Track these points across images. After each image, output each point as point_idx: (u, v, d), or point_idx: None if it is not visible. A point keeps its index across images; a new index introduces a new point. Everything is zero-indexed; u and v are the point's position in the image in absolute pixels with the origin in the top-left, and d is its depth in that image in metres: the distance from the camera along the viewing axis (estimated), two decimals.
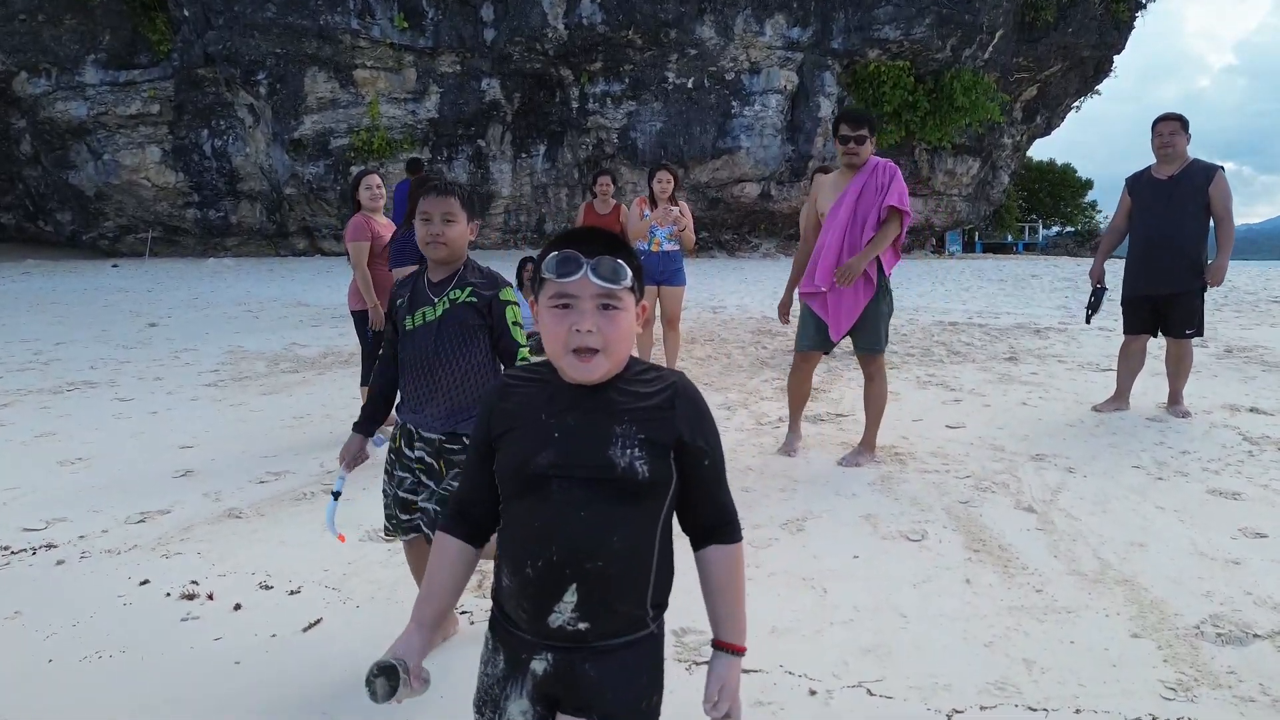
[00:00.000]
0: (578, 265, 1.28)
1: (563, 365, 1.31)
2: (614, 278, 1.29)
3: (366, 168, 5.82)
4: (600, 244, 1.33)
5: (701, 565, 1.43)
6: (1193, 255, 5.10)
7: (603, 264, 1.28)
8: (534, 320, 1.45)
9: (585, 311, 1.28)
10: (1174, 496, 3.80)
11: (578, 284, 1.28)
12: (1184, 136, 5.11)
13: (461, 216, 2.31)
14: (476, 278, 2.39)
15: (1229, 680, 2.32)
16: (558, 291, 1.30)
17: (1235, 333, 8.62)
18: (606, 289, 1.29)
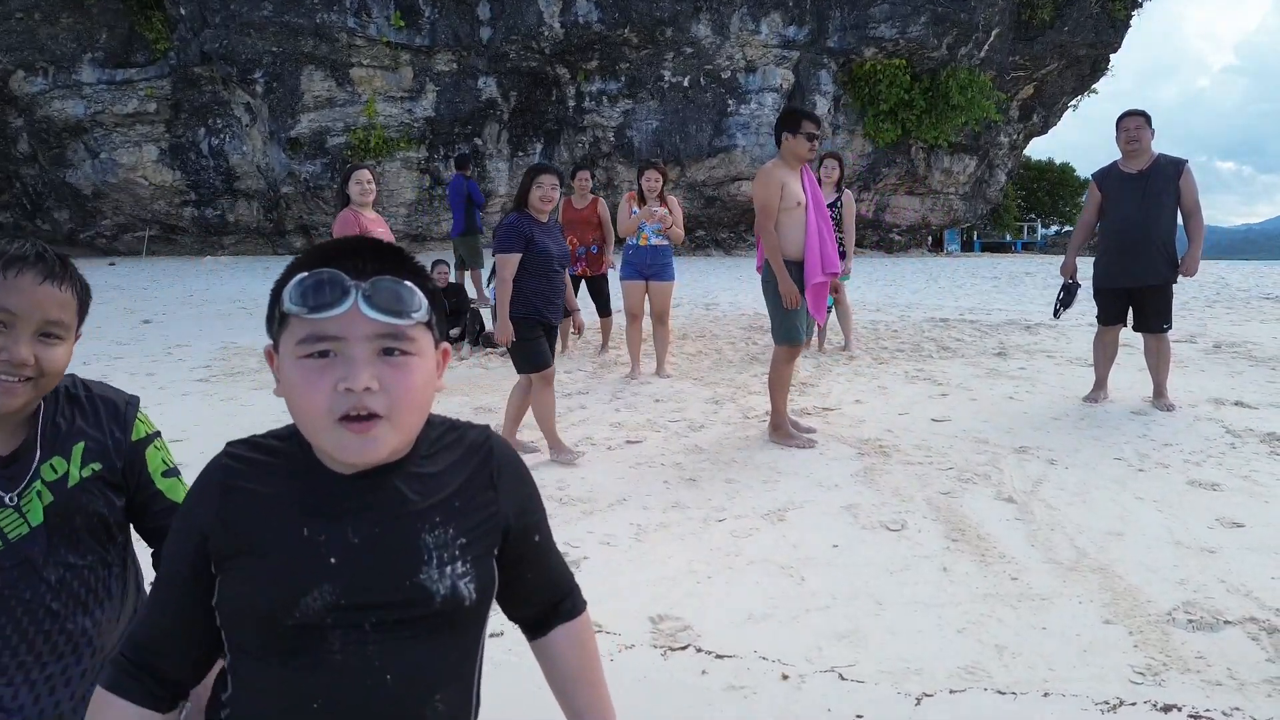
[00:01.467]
0: (342, 292, 0.89)
1: (325, 443, 0.91)
2: (400, 307, 0.91)
3: (358, 162, 5.85)
4: (376, 258, 0.95)
5: (547, 655, 1.15)
6: (1168, 248, 5.20)
7: (381, 288, 0.91)
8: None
9: (357, 360, 0.89)
10: (1154, 487, 3.83)
11: (344, 320, 0.89)
12: (1149, 131, 5.20)
13: (71, 322, 1.31)
14: (83, 418, 1.38)
15: (1198, 664, 2.35)
16: (311, 333, 0.89)
17: (1225, 329, 8.64)
18: (390, 325, 0.91)
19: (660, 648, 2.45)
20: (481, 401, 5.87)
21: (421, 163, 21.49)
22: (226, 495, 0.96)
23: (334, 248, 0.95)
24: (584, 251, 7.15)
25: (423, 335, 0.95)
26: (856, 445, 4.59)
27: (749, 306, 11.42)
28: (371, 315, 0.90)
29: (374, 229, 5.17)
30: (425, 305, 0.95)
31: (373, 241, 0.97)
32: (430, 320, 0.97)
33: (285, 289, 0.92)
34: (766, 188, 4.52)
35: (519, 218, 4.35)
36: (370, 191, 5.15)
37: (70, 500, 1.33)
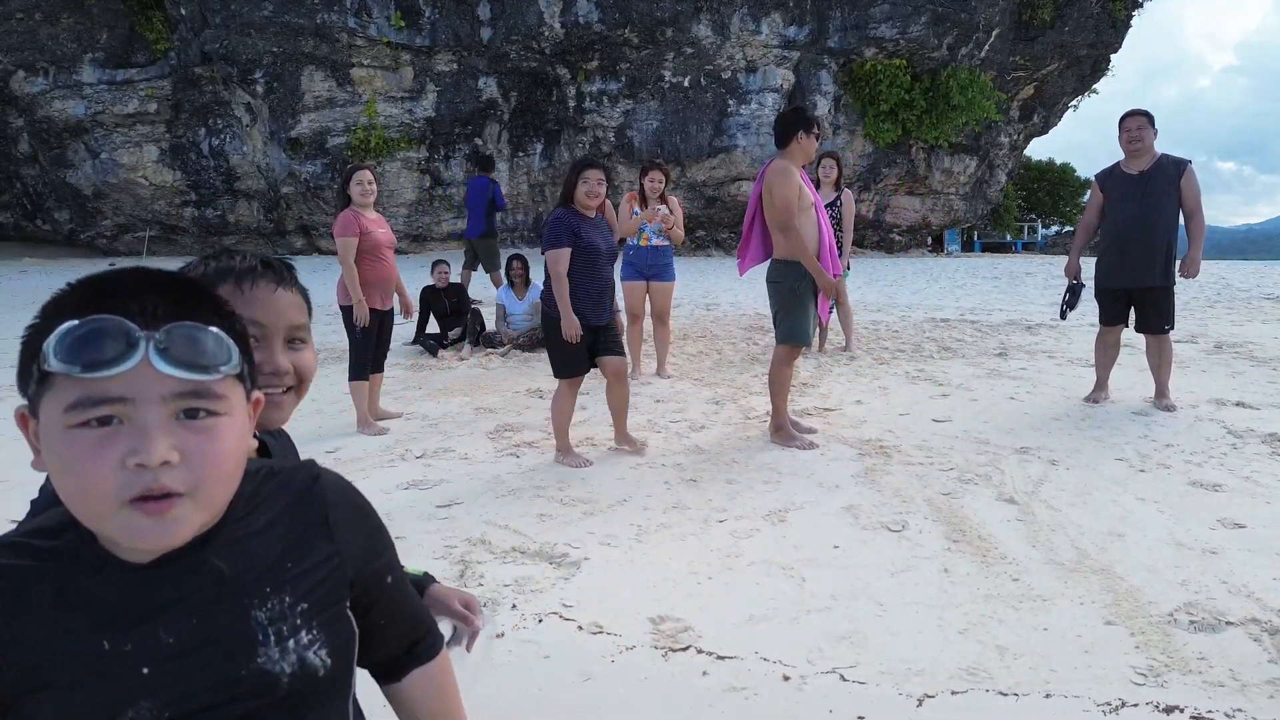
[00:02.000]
0: (128, 344, 0.73)
1: (113, 531, 0.75)
2: (205, 360, 0.76)
3: (360, 162, 5.83)
4: (168, 297, 0.77)
5: (403, 700, 1.05)
6: (1166, 249, 5.19)
7: (180, 337, 0.75)
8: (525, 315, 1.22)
9: (151, 427, 0.73)
10: (1155, 488, 3.82)
11: (131, 379, 0.73)
12: (1151, 131, 5.18)
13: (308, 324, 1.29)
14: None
15: (1199, 666, 2.34)
16: (86, 396, 0.72)
17: (1226, 329, 8.64)
18: (192, 383, 0.75)
19: (661, 649, 2.45)
20: (483, 402, 5.87)
21: (422, 163, 21.49)
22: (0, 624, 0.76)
23: (109, 284, 0.76)
24: None
25: (233, 390, 0.79)
26: (857, 446, 4.59)
27: (749, 307, 11.41)
28: (168, 371, 0.73)
29: (376, 229, 5.16)
30: (236, 354, 0.79)
31: (158, 274, 0.78)
32: (241, 369, 0.80)
33: (46, 341, 0.73)
34: (788, 185, 4.48)
35: (566, 212, 4.35)
36: (371, 192, 5.15)
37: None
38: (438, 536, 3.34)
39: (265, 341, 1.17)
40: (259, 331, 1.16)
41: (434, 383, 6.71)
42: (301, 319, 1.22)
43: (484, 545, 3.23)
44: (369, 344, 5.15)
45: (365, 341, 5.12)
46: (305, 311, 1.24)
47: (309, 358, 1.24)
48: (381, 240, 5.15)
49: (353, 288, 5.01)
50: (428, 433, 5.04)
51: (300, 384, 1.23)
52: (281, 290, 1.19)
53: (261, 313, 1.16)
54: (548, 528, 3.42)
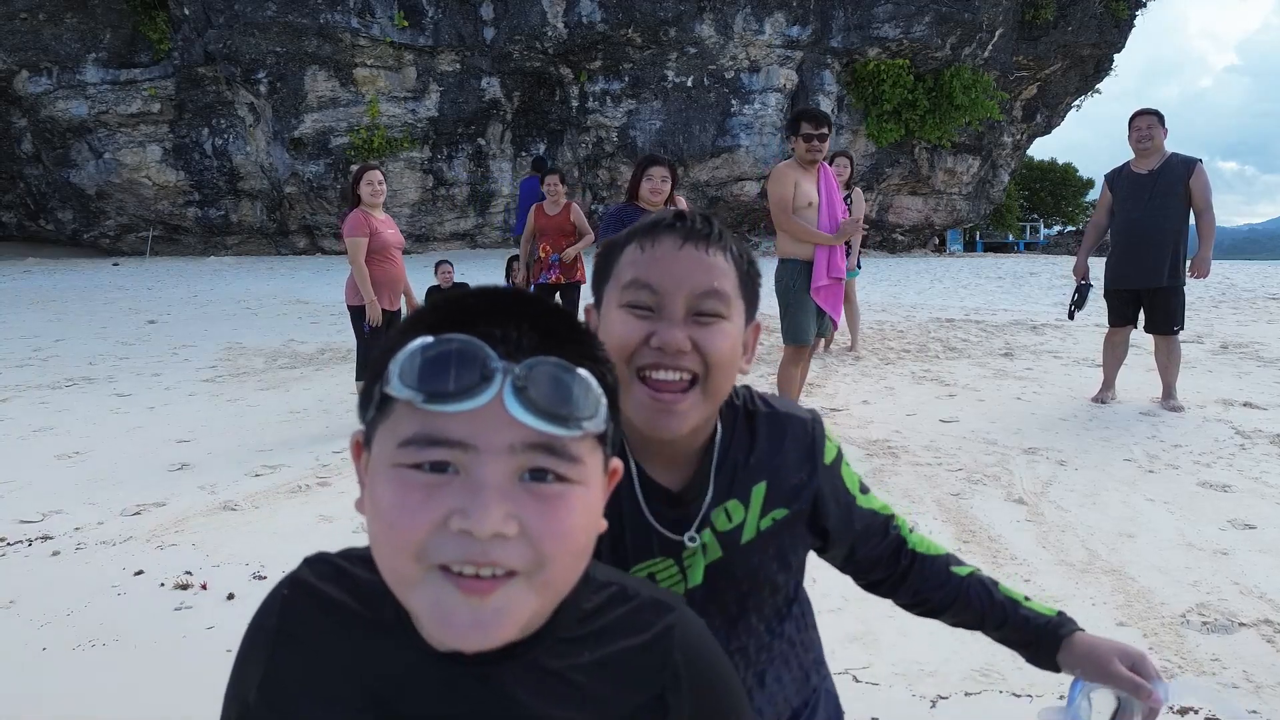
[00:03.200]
0: (482, 376, 0.59)
1: (418, 603, 0.61)
2: (568, 410, 0.61)
3: (369, 163, 5.84)
4: (535, 326, 0.64)
5: None
6: (1175, 249, 5.16)
7: (542, 375, 0.61)
8: None
9: (488, 486, 0.58)
10: (1164, 488, 3.81)
11: (478, 420, 0.59)
12: (1161, 130, 5.17)
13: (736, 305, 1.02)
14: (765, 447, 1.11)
15: (1213, 667, 2.34)
16: (423, 432, 0.60)
17: (1232, 329, 8.63)
18: (547, 436, 0.60)
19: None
20: None
21: (425, 163, 21.51)
22: (277, 653, 0.70)
23: (476, 301, 0.64)
24: (556, 259, 6.83)
25: (592, 454, 0.64)
26: (865, 446, 4.58)
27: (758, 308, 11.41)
28: (521, 417, 0.59)
29: (385, 230, 5.17)
30: (604, 407, 0.63)
31: (533, 299, 0.66)
32: (607, 431, 0.66)
33: (394, 358, 0.61)
34: (779, 184, 4.57)
35: (625, 208, 4.42)
36: (381, 192, 5.18)
37: (741, 560, 1.06)
38: None
39: (658, 310, 0.96)
40: (650, 298, 0.96)
41: None
42: (714, 284, 0.97)
43: None
44: (377, 344, 5.16)
45: (373, 341, 5.14)
46: (729, 278, 0.99)
47: (722, 341, 0.97)
48: (390, 240, 5.17)
49: (364, 288, 5.02)
50: None
51: (708, 374, 0.96)
52: (690, 247, 0.98)
53: (657, 272, 0.96)
54: None
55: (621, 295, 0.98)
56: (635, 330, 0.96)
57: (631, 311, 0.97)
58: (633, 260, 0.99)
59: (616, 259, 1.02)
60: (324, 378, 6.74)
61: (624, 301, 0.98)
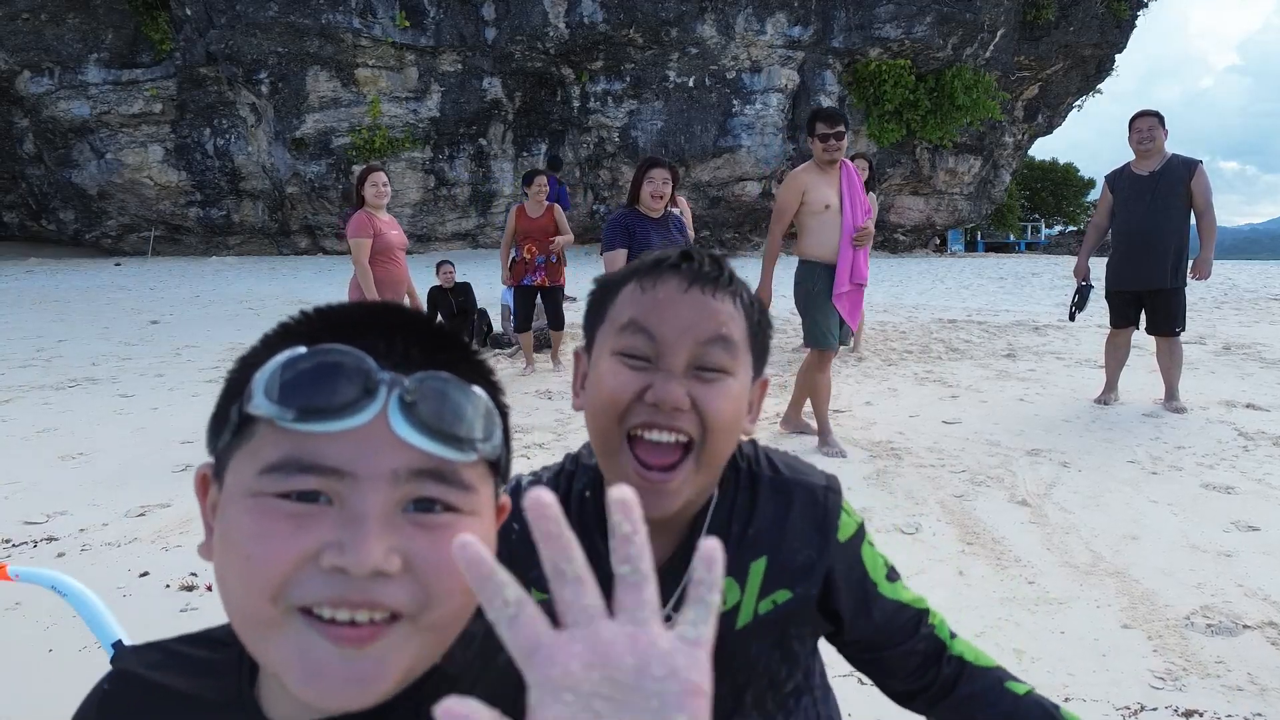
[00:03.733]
0: (365, 389, 0.51)
1: (275, 654, 0.51)
2: (460, 429, 0.53)
3: (373, 164, 5.82)
4: (418, 339, 0.57)
5: None
6: (1176, 250, 5.16)
7: (433, 390, 0.53)
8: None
9: (369, 516, 0.50)
10: (1167, 490, 3.82)
11: (359, 440, 0.51)
12: (1162, 132, 5.17)
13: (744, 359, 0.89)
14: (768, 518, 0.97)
15: (1218, 669, 2.34)
16: (293, 456, 0.51)
17: (1234, 330, 8.63)
18: (436, 460, 0.52)
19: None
20: None
21: (426, 163, 21.52)
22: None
23: (351, 314, 0.57)
24: (542, 261, 6.75)
25: (483, 482, 0.56)
26: (868, 448, 4.59)
27: None
28: (408, 437, 0.51)
29: (389, 231, 5.18)
30: (498, 430, 0.57)
31: (413, 315, 0.59)
32: (500, 457, 0.59)
33: (257, 373, 0.53)
34: (785, 190, 4.53)
35: (625, 213, 4.37)
36: (385, 194, 5.19)
37: (736, 648, 0.92)
38: None
39: (656, 360, 0.84)
40: (648, 346, 0.84)
41: None
42: (721, 331, 0.85)
43: None
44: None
45: None
46: (737, 327, 0.87)
47: (724, 401, 0.84)
48: (394, 242, 5.19)
49: (367, 289, 5.03)
50: None
51: (705, 439, 0.84)
52: (696, 290, 0.86)
53: (657, 316, 0.85)
54: None
55: (616, 340, 0.87)
56: (629, 383, 0.84)
57: (625, 361, 0.85)
58: (631, 301, 0.87)
59: (613, 298, 0.90)
60: None
61: (618, 348, 0.86)
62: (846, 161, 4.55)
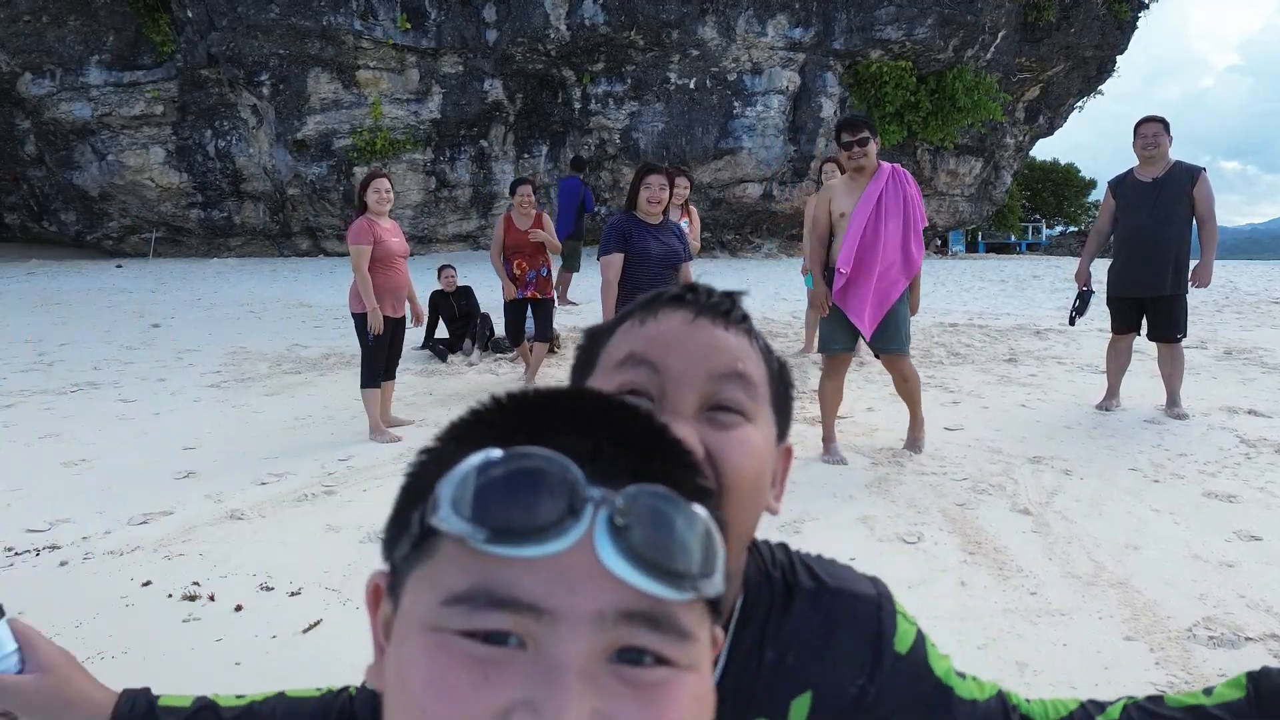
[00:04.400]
0: (567, 506, 0.42)
1: None
2: (675, 560, 0.43)
3: (376, 169, 5.74)
4: (628, 441, 0.48)
5: None
6: (1178, 257, 5.16)
7: (645, 512, 0.43)
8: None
9: (568, 670, 0.41)
10: (1169, 499, 3.82)
11: (556, 570, 0.42)
12: (1167, 138, 5.17)
13: (764, 411, 0.74)
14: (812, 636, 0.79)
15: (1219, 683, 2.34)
16: (483, 586, 0.42)
17: (1235, 334, 8.62)
18: (649, 599, 0.43)
19: None
20: None
21: (427, 165, 21.52)
22: None
23: (544, 406, 0.49)
24: (534, 275, 6.55)
25: (701, 627, 0.46)
26: (870, 454, 4.59)
27: (757, 311, 11.41)
28: (619, 570, 0.42)
29: (389, 238, 5.17)
30: (720, 560, 0.46)
31: (616, 404, 0.50)
32: (720, 595, 0.47)
33: (447, 476, 0.45)
34: (813, 203, 4.72)
35: (622, 218, 4.40)
36: (388, 200, 5.17)
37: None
38: None
39: (661, 398, 0.70)
40: (650, 379, 0.70)
41: (444, 388, 6.72)
42: (738, 366, 0.72)
43: None
44: (380, 352, 5.17)
45: (377, 349, 5.14)
46: (756, 366, 0.74)
47: (745, 453, 0.69)
48: (394, 249, 5.18)
49: (366, 296, 5.02)
50: None
51: (722, 499, 0.64)
52: (705, 321, 0.73)
53: (660, 348, 0.71)
54: None
55: (609, 379, 0.72)
56: None
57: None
58: (627, 338, 0.73)
59: (604, 344, 0.76)
60: (328, 383, 6.75)
61: (613, 387, 0.71)
62: (896, 168, 4.47)
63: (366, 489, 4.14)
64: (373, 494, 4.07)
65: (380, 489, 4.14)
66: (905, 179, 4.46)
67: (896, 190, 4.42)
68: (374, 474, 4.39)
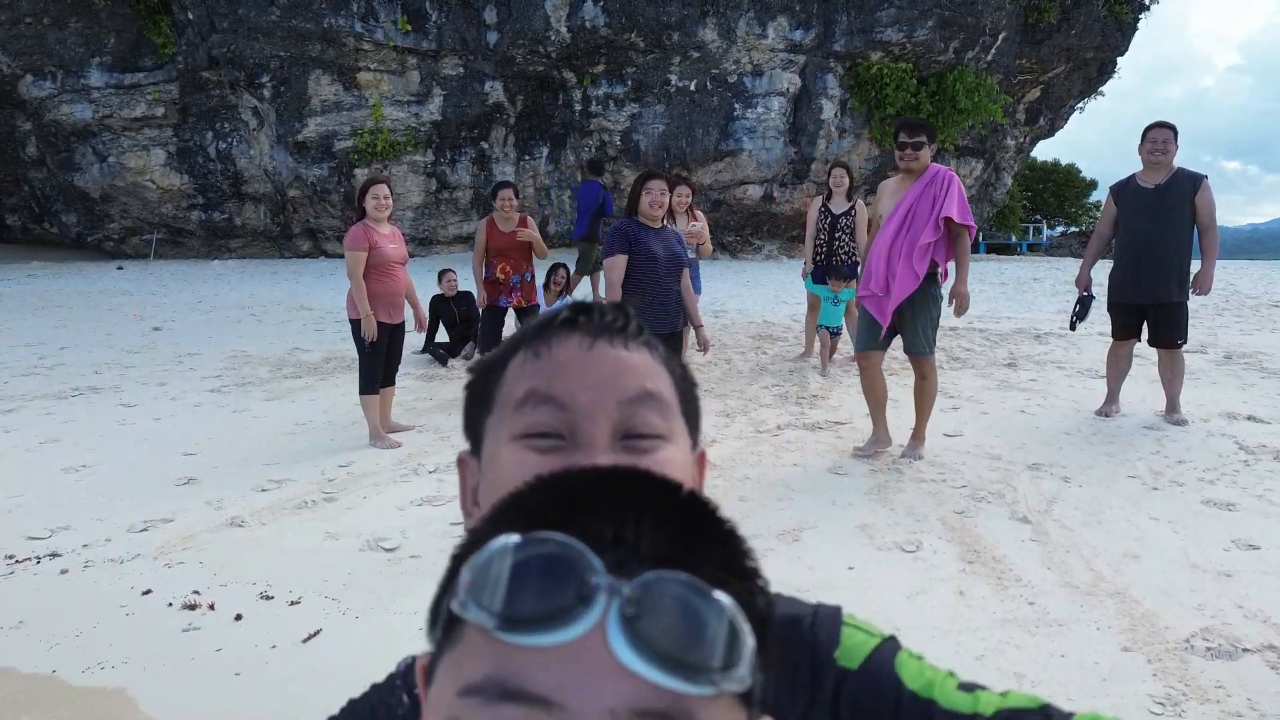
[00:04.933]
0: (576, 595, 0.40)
1: None
2: (693, 653, 0.40)
3: (376, 175, 5.73)
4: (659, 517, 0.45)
5: None
6: (1179, 264, 5.16)
7: (662, 603, 0.40)
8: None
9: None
10: (1168, 507, 3.82)
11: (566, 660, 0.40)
12: (1174, 146, 5.17)
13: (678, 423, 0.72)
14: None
15: (1217, 694, 2.35)
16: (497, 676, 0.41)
17: (1235, 338, 8.62)
18: (668, 695, 0.39)
19: None
20: None
21: (428, 166, 21.53)
22: None
23: (577, 488, 0.47)
24: (518, 280, 6.40)
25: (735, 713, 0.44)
26: (870, 460, 4.59)
27: (757, 314, 11.42)
28: (632, 665, 0.40)
29: (386, 245, 5.15)
30: (751, 652, 0.43)
31: (657, 483, 0.47)
32: (753, 689, 0.44)
33: (469, 561, 0.44)
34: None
35: (625, 222, 4.49)
36: (386, 206, 5.16)
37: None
38: None
39: (573, 435, 0.67)
40: (558, 417, 0.68)
41: (445, 393, 6.72)
42: (647, 385, 0.69)
43: None
44: (377, 358, 5.16)
45: (374, 356, 5.14)
46: (664, 381, 0.72)
47: (670, 468, 0.67)
48: (390, 255, 5.15)
49: (361, 303, 5.02)
50: (440, 446, 5.06)
51: None
52: (604, 344, 0.70)
53: (562, 381, 0.68)
54: None
55: (513, 423, 0.69)
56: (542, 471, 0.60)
57: (531, 445, 0.67)
58: (522, 373, 0.70)
59: (497, 379, 0.72)
60: (329, 388, 6.75)
61: (518, 432, 0.68)
62: (940, 172, 4.57)
63: (366, 496, 4.15)
64: (373, 501, 4.07)
65: (380, 495, 4.14)
66: (942, 183, 4.54)
67: (928, 194, 4.53)
68: (374, 480, 4.40)
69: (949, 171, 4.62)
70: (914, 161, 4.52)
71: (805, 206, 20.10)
